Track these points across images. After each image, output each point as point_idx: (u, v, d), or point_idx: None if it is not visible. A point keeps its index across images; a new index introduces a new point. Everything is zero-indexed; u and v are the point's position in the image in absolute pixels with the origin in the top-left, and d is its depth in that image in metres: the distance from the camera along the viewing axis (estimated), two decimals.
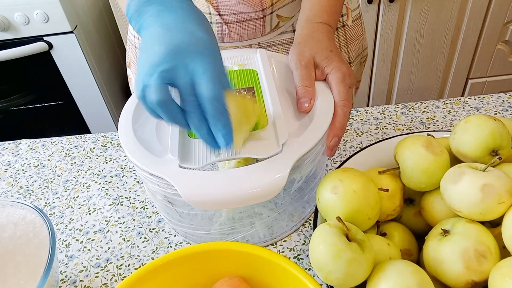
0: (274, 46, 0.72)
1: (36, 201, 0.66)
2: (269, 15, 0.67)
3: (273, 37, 0.71)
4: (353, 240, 0.41)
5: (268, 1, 0.65)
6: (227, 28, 0.67)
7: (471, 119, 0.47)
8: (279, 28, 0.70)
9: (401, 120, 0.73)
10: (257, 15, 0.66)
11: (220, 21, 0.66)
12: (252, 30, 0.68)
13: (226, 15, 0.66)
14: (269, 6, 0.66)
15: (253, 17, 0.66)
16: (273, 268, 0.42)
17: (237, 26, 0.67)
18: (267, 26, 0.69)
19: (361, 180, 0.45)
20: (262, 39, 0.70)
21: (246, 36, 0.69)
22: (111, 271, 0.56)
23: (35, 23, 1.33)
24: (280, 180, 0.43)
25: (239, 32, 0.68)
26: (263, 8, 0.66)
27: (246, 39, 0.70)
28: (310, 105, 0.51)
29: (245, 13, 0.65)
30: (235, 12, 0.65)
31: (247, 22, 0.67)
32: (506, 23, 1.46)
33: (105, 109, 1.58)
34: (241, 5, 0.64)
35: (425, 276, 0.39)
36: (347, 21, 0.76)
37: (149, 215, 0.62)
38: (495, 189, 0.40)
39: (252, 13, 0.66)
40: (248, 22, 0.67)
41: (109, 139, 0.76)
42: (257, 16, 0.66)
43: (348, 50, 0.78)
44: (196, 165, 0.45)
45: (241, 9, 0.65)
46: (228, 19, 0.66)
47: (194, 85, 0.40)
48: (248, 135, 0.47)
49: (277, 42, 0.72)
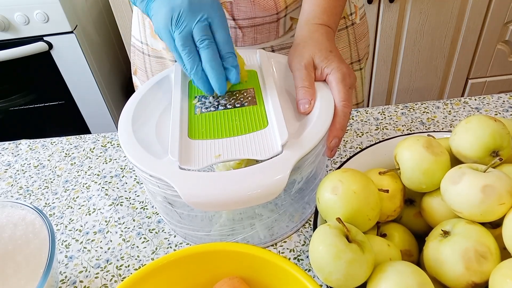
0: (287, 48, 0.71)
1: (36, 201, 0.66)
2: (283, 18, 0.67)
3: (286, 40, 0.71)
4: (353, 241, 0.41)
5: (282, 4, 0.65)
6: (241, 32, 0.67)
7: (472, 120, 0.47)
8: (292, 30, 0.70)
9: (401, 120, 0.73)
10: (271, 18, 0.66)
11: (234, 26, 0.66)
12: (266, 33, 0.68)
13: (241, 20, 0.65)
14: (283, 9, 0.65)
15: (267, 21, 0.66)
16: (273, 269, 0.42)
17: (251, 31, 0.67)
18: (281, 29, 0.68)
19: (361, 181, 0.45)
20: (275, 42, 0.70)
21: (259, 39, 0.69)
22: (111, 272, 0.56)
23: (35, 23, 1.33)
24: (281, 181, 0.43)
25: (253, 36, 0.68)
26: (277, 12, 0.65)
27: (259, 43, 0.69)
28: (310, 106, 0.51)
29: (259, 17, 0.65)
30: (250, 17, 0.65)
31: (262, 26, 0.67)
32: (506, 23, 1.46)
33: (105, 109, 1.58)
34: (256, 9, 0.64)
35: (425, 277, 0.39)
36: (355, 19, 0.76)
37: (149, 215, 0.62)
38: (496, 190, 0.40)
39: (266, 17, 0.65)
40: (262, 26, 0.67)
41: (109, 139, 0.76)
42: (271, 20, 0.66)
43: (357, 47, 0.78)
44: (196, 167, 0.45)
45: (255, 14, 0.65)
46: (242, 24, 0.66)
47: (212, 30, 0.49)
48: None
49: (290, 44, 0.71)
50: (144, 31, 0.76)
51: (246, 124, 0.50)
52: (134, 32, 0.79)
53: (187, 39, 0.48)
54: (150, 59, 0.77)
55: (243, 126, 0.49)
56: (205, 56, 0.49)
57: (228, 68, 0.50)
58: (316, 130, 0.48)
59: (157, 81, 0.59)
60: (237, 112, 0.51)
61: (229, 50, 0.50)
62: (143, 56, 0.78)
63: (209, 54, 0.48)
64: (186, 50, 0.48)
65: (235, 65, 0.50)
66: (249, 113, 0.51)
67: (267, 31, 0.68)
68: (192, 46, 0.49)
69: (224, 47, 0.49)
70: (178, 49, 0.49)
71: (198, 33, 0.48)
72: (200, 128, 0.50)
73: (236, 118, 0.51)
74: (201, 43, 0.48)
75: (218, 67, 0.49)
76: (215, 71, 0.49)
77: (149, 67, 0.78)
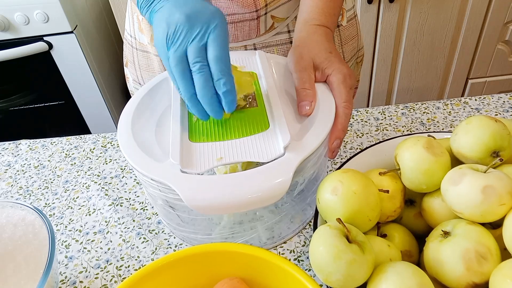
0: (270, 47, 0.71)
1: (36, 201, 0.66)
2: (263, 15, 0.67)
3: (268, 38, 0.71)
4: (354, 241, 0.40)
5: (262, 1, 0.65)
6: None
7: (472, 120, 0.47)
8: (274, 29, 0.70)
9: (402, 121, 0.73)
10: (251, 16, 0.66)
11: None
12: (246, 31, 0.68)
13: None
14: (263, 7, 0.65)
15: (247, 18, 0.66)
16: (273, 269, 0.42)
17: (231, 27, 0.67)
18: (262, 27, 0.68)
19: (361, 181, 0.45)
20: (257, 40, 0.70)
21: (240, 37, 0.69)
22: (111, 272, 0.56)
23: (35, 23, 1.33)
24: (284, 183, 0.43)
25: (233, 33, 0.68)
26: (257, 9, 0.65)
27: (241, 40, 0.69)
28: (311, 108, 0.51)
29: (238, 14, 0.65)
30: (229, 13, 0.65)
31: (241, 23, 0.66)
32: (506, 23, 1.46)
33: (105, 109, 1.58)
34: (234, 5, 0.64)
35: (425, 277, 0.39)
36: (341, 22, 0.76)
37: (149, 216, 0.62)
38: (496, 190, 0.40)
39: (246, 14, 0.65)
40: (242, 23, 0.66)
41: (109, 139, 0.76)
42: (251, 17, 0.66)
43: (342, 50, 0.78)
44: (198, 170, 0.45)
45: (234, 10, 0.65)
46: None
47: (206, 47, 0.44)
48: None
49: (273, 43, 0.71)
50: (133, 25, 0.77)
51: (247, 126, 0.49)
52: (126, 26, 0.80)
53: (180, 61, 0.44)
54: (138, 53, 0.78)
55: (244, 129, 0.49)
56: (197, 82, 0.44)
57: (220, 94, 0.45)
58: (318, 131, 0.48)
59: (156, 83, 0.58)
60: (238, 115, 0.51)
61: (222, 71, 0.44)
62: (132, 49, 0.79)
63: (200, 80, 0.44)
64: (180, 73, 0.45)
65: (227, 89, 0.44)
66: (250, 115, 0.51)
67: (248, 28, 0.67)
68: (186, 68, 0.45)
69: (216, 68, 0.44)
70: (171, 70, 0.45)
71: (191, 54, 0.44)
72: (201, 130, 0.50)
73: (237, 121, 0.50)
74: (194, 65, 0.44)
75: (210, 95, 0.45)
76: (207, 99, 0.45)
77: (137, 60, 0.79)
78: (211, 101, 0.45)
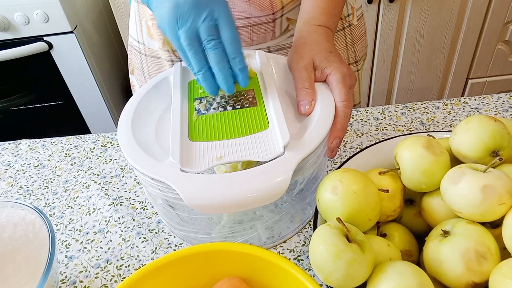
0: (284, 49, 0.71)
1: (36, 201, 0.66)
2: (279, 18, 0.67)
3: (282, 41, 0.70)
4: (353, 241, 0.41)
5: (279, 4, 0.65)
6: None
7: (472, 120, 0.47)
8: (289, 31, 0.70)
9: (401, 120, 0.73)
10: (267, 19, 0.66)
11: None
12: (262, 34, 0.68)
13: (236, 20, 0.65)
14: (279, 9, 0.65)
15: (263, 21, 0.66)
16: (273, 269, 0.42)
17: (247, 31, 0.66)
18: (277, 29, 0.68)
19: (361, 181, 0.45)
20: (271, 43, 0.70)
21: (255, 40, 0.68)
22: (111, 272, 0.56)
23: (35, 23, 1.33)
24: (283, 183, 0.43)
25: (249, 36, 0.67)
26: (273, 12, 0.65)
27: (256, 44, 0.69)
28: (311, 107, 0.51)
29: (255, 17, 0.65)
30: (245, 17, 0.65)
31: (258, 26, 0.66)
32: (506, 23, 1.46)
33: (105, 109, 1.58)
34: (252, 9, 0.64)
35: (425, 277, 0.39)
36: (352, 21, 0.76)
37: (149, 215, 0.62)
38: (496, 190, 0.40)
39: (262, 17, 0.65)
40: (258, 26, 0.66)
41: (109, 139, 0.76)
42: (267, 20, 0.66)
43: (354, 49, 0.78)
44: (198, 169, 0.45)
45: (251, 13, 0.64)
46: (238, 24, 0.65)
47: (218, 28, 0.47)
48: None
49: (287, 45, 0.71)
50: (140, 30, 0.76)
51: (247, 125, 0.50)
52: (131, 32, 0.79)
53: (193, 39, 0.47)
54: (147, 59, 0.77)
55: (244, 128, 0.49)
56: (213, 58, 0.47)
57: (236, 70, 0.49)
58: (318, 131, 0.48)
59: (156, 83, 0.58)
60: (238, 114, 0.51)
61: (237, 50, 0.48)
62: (140, 56, 0.78)
63: (216, 56, 0.47)
64: (193, 50, 0.47)
65: (243, 66, 0.49)
66: (250, 114, 0.51)
67: (264, 31, 0.67)
68: (198, 45, 0.47)
69: (232, 47, 0.48)
70: (183, 48, 0.48)
71: (204, 32, 0.46)
72: (201, 130, 0.50)
73: (237, 120, 0.50)
74: (208, 43, 0.47)
75: (227, 69, 0.48)
76: (223, 73, 0.48)
77: (146, 66, 0.78)
78: (226, 75, 0.48)
